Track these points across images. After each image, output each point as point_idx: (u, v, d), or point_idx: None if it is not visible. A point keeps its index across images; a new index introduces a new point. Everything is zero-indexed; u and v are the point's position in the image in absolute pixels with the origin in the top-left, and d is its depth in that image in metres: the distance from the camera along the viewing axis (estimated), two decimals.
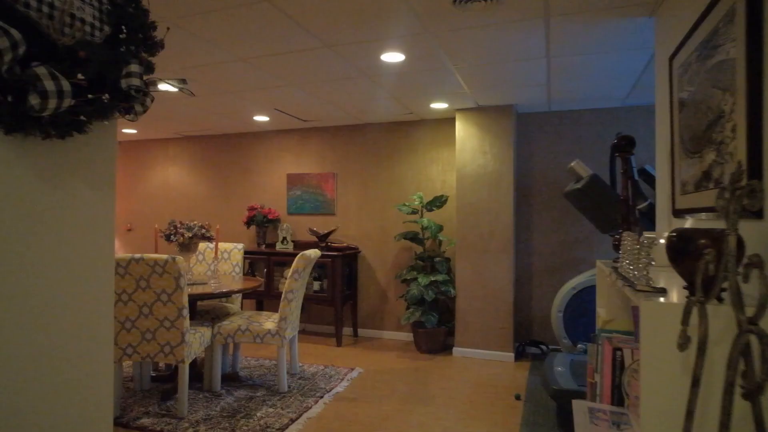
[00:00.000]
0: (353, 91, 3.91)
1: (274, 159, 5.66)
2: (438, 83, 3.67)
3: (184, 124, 5.31)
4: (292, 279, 3.44)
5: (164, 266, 2.87)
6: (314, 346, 4.80)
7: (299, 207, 5.51)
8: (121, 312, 2.95)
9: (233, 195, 5.87)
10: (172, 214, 6.21)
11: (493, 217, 4.35)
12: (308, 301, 4.86)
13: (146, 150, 6.41)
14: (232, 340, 3.43)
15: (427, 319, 4.42)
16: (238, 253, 4.42)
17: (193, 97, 3.93)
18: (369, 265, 5.19)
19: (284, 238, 5.29)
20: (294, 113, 4.75)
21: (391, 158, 5.12)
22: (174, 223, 3.67)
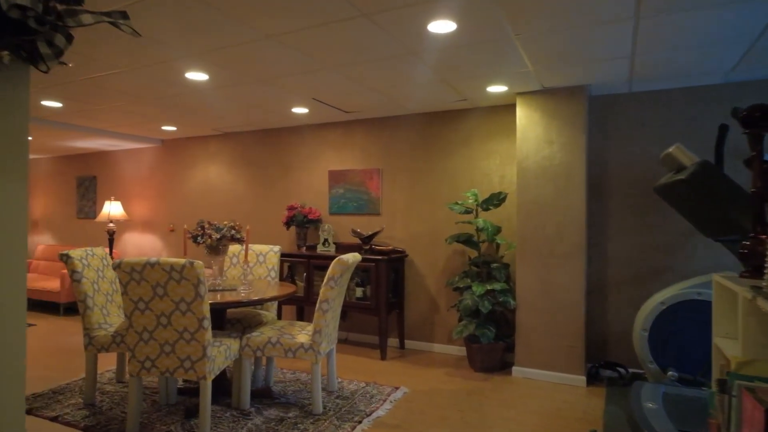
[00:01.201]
0: (397, 74, 3.45)
1: (315, 155, 5.30)
2: (496, 60, 3.14)
3: (222, 119, 5.05)
4: (328, 287, 3.03)
5: (182, 272, 2.53)
6: (356, 358, 4.38)
7: (341, 206, 5.12)
8: (138, 321, 2.65)
9: (273, 194, 5.57)
10: (212, 213, 6.00)
11: (560, 216, 3.75)
12: (350, 308, 4.45)
13: (187, 148, 6.25)
14: (261, 353, 3.06)
15: (482, 334, 3.88)
16: (274, 255, 4.07)
17: (139, 36, 3.60)
18: (417, 271, 4.72)
19: (325, 240, 4.91)
20: (334, 103, 4.35)
21: (442, 152, 4.62)
22: (202, 224, 3.36)
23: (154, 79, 3.58)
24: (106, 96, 4.09)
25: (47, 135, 5.79)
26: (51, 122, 5.14)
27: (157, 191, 6.51)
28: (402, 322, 4.68)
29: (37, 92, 3.98)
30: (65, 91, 3.95)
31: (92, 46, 2.90)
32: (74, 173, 7.50)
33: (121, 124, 5.33)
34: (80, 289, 3.15)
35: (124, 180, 6.87)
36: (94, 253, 3.40)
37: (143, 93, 3.99)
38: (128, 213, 6.76)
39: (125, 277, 2.58)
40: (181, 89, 3.87)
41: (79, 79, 3.61)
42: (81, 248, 3.34)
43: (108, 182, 7.06)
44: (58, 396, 3.33)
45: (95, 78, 3.57)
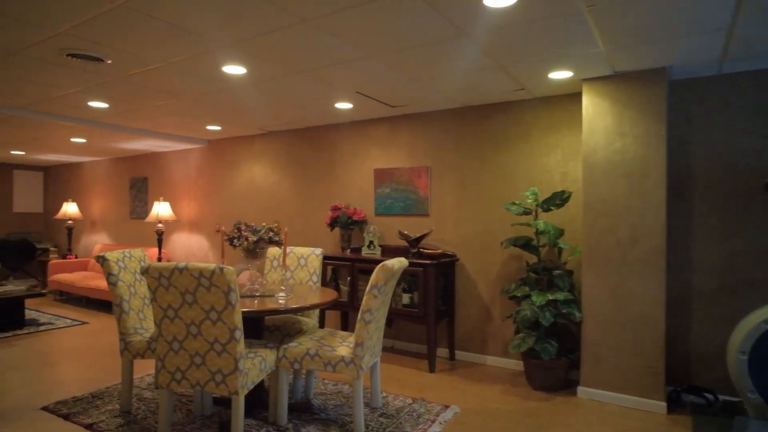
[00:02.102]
0: (447, 61, 3.12)
1: (360, 153, 5.05)
2: (562, 39, 2.75)
3: (264, 118, 4.90)
4: (370, 296, 2.75)
5: (211, 278, 2.32)
6: (402, 369, 4.08)
7: (388, 207, 4.83)
8: (167, 330, 2.47)
9: (317, 194, 5.37)
10: (256, 214, 5.89)
11: (635, 218, 3.29)
12: (396, 315, 4.15)
13: (232, 148, 6.18)
14: (299, 365, 2.82)
15: (543, 349, 3.48)
16: (316, 258, 3.85)
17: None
18: (468, 277, 4.35)
19: (371, 242, 4.65)
20: (379, 97, 4.07)
21: (497, 147, 4.23)
22: (239, 225, 3.17)
23: (191, 74, 3.43)
24: (147, 95, 4.01)
25: (99, 137, 5.88)
26: (101, 124, 5.18)
27: (204, 192, 6.49)
28: (452, 332, 4.33)
29: (82, 93, 3.96)
30: (108, 91, 3.90)
31: (123, 39, 2.77)
32: (128, 175, 7.66)
33: (166, 125, 5.30)
34: (116, 292, 3.04)
35: (173, 181, 6.92)
36: (131, 255, 3.29)
37: (183, 91, 3.88)
38: (176, 213, 6.80)
39: (153, 283, 2.41)
40: (220, 85, 3.72)
41: (118, 78, 3.52)
42: (118, 250, 3.24)
43: (158, 183, 7.14)
44: (97, 401, 3.25)
45: (133, 76, 3.47)
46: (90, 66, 3.26)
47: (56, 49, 2.94)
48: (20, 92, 3.95)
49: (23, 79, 3.56)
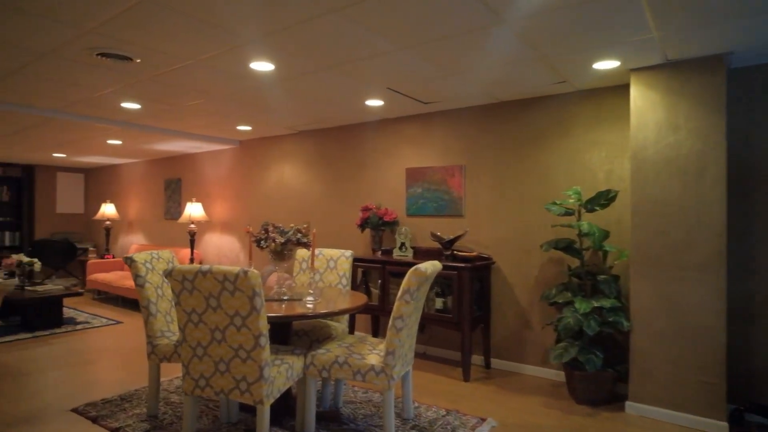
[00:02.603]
0: (483, 52, 2.94)
1: (392, 152, 4.90)
2: (609, 23, 2.52)
3: (295, 116, 4.82)
4: (402, 301, 2.59)
5: (235, 282, 2.22)
6: (435, 377, 3.90)
7: (420, 207, 4.67)
8: (191, 335, 2.39)
9: (347, 194, 5.26)
10: (286, 214, 5.83)
11: (691, 218, 3.01)
12: (429, 321, 3.98)
13: (263, 148, 6.15)
14: (327, 374, 2.70)
15: (587, 360, 3.24)
16: (346, 261, 3.72)
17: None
18: (505, 280, 4.14)
19: (402, 244, 4.49)
20: (411, 93, 3.91)
21: (535, 144, 4.00)
22: (266, 227, 3.07)
23: (220, 72, 3.36)
24: (177, 94, 3.99)
25: (134, 138, 5.95)
26: (134, 125, 5.22)
27: (236, 192, 6.48)
28: (488, 339, 4.12)
29: (115, 94, 3.96)
30: (140, 91, 3.89)
31: (150, 36, 2.71)
32: (162, 176, 7.77)
33: (197, 125, 5.30)
34: (143, 294, 2.99)
35: (206, 182, 6.96)
36: (159, 256, 3.25)
37: (212, 89, 3.82)
38: (208, 214, 6.83)
39: (177, 286, 2.33)
40: (249, 83, 3.64)
41: (148, 78, 3.50)
42: (146, 251, 3.20)
43: (191, 184, 7.20)
44: (125, 404, 3.21)
45: (162, 75, 3.43)
46: (120, 65, 3.23)
47: (86, 49, 2.92)
48: (55, 94, 3.99)
49: (57, 80, 3.58)
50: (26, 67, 3.29)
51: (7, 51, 2.97)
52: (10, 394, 3.42)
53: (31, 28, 2.62)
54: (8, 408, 3.18)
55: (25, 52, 3.00)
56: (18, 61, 3.17)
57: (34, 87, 3.77)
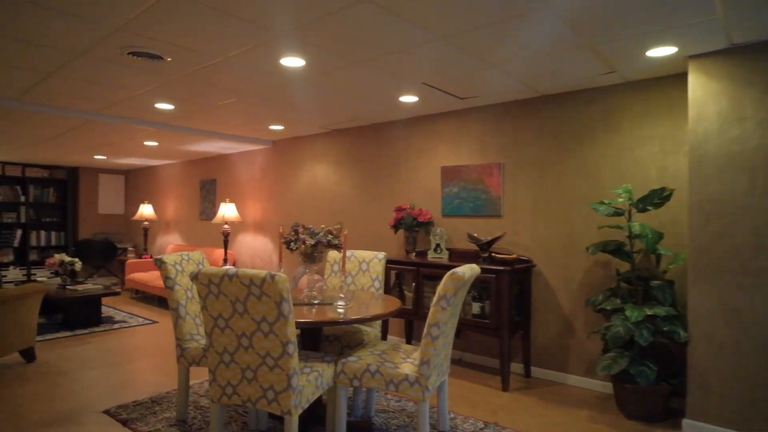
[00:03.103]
0: (524, 41, 2.74)
1: (426, 150, 4.74)
2: (667, 3, 2.28)
3: (326, 114, 4.72)
4: (438, 308, 2.43)
5: (261, 286, 2.11)
6: (472, 386, 3.71)
7: (456, 207, 4.48)
8: (218, 341, 2.30)
9: (380, 194, 5.12)
10: (318, 215, 5.75)
11: (760, 218, 2.72)
12: (465, 326, 3.80)
13: (295, 148, 6.09)
14: (358, 382, 2.56)
15: (639, 372, 2.98)
16: (379, 263, 3.59)
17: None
18: (546, 284, 3.91)
19: (437, 246, 4.32)
20: (447, 88, 3.74)
21: (580, 140, 3.76)
22: (296, 228, 2.97)
23: (250, 69, 3.29)
24: (209, 94, 3.95)
25: (169, 139, 6.01)
26: (169, 126, 5.25)
27: (269, 193, 6.46)
28: (528, 346, 3.90)
29: (148, 94, 3.96)
30: (172, 91, 3.87)
31: (179, 33, 2.65)
32: (198, 177, 7.85)
33: (230, 125, 5.28)
34: (172, 296, 2.94)
35: (240, 182, 6.97)
36: (189, 257, 3.20)
37: (243, 88, 3.76)
38: (242, 215, 6.84)
39: (203, 290, 2.24)
40: (279, 80, 3.55)
41: (179, 77, 3.46)
42: (176, 252, 3.16)
43: (226, 184, 7.23)
44: (156, 407, 3.18)
45: (193, 74, 3.39)
46: (151, 65, 3.20)
47: (117, 48, 2.89)
48: (92, 96, 4.02)
49: (92, 81, 3.60)
50: (62, 69, 3.31)
51: (43, 52, 2.98)
52: (47, 393, 3.45)
53: (62, 28, 2.60)
54: (44, 407, 3.20)
55: (59, 53, 3.00)
56: (53, 63, 3.18)
57: (71, 89, 3.81)
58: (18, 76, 3.47)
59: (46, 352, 4.51)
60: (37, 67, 3.26)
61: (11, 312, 3.91)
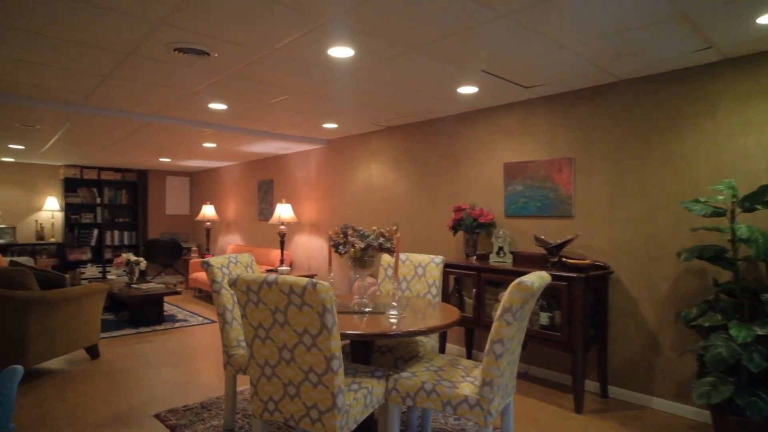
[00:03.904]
0: (601, 12, 2.36)
1: (487, 145, 4.39)
2: None
3: (380, 110, 4.50)
4: (503, 322, 2.12)
5: (302, 295, 1.91)
6: (540, 405, 3.35)
7: (521, 207, 4.11)
8: (259, 352, 2.13)
9: (438, 193, 4.83)
10: (373, 216, 5.54)
11: None
12: (532, 338, 3.44)
13: (350, 146, 5.93)
14: (412, 401, 2.31)
15: (749, 404, 2.50)
16: (436, 268, 3.31)
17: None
18: (627, 294, 3.45)
19: (500, 249, 3.97)
20: (510, 76, 3.39)
21: (667, 129, 3.28)
22: (345, 230, 2.76)
23: (297, 62, 3.12)
24: (260, 91, 3.85)
25: (226, 140, 6.04)
26: (224, 127, 5.25)
27: (324, 193, 6.35)
28: (604, 363, 3.47)
29: (201, 94, 3.93)
30: (223, 90, 3.80)
31: (222, 25, 2.52)
32: (256, 177, 7.92)
33: (284, 124, 5.20)
34: (219, 300, 2.83)
35: (296, 182, 6.93)
36: (237, 260, 3.08)
37: (292, 84, 3.62)
38: (298, 215, 6.78)
39: (242, 298, 2.08)
40: (328, 74, 3.37)
41: (229, 75, 3.37)
42: (224, 255, 3.05)
43: (282, 185, 7.22)
44: (205, 413, 3.09)
45: (241, 70, 3.28)
46: (198, 62, 3.12)
47: (163, 45, 2.82)
48: (147, 98, 4.05)
49: (144, 82, 3.59)
50: (116, 70, 3.31)
51: (95, 54, 2.97)
52: (105, 392, 3.48)
53: (108, 24, 2.54)
54: (101, 407, 3.20)
55: (110, 54, 2.98)
56: (107, 64, 3.18)
57: (127, 91, 3.84)
58: (79, 79, 3.52)
59: (111, 348, 4.62)
60: (93, 69, 3.28)
61: (76, 310, 4.01)
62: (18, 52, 2.95)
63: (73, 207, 9.03)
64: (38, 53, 2.97)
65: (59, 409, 3.19)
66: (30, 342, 3.61)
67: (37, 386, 3.60)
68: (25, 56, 3.03)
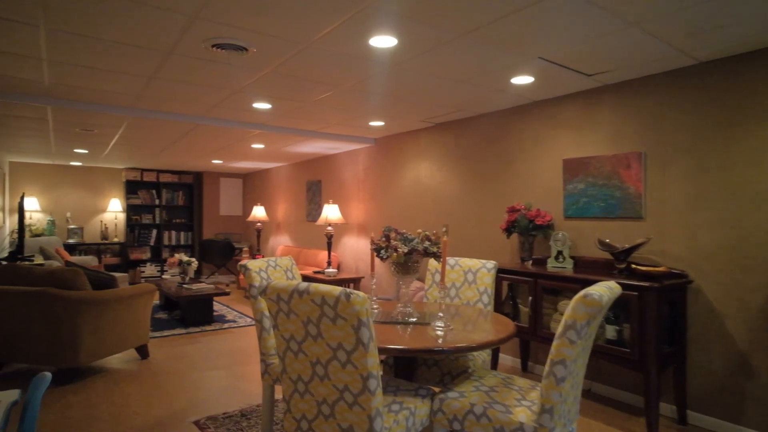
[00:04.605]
0: None
1: (544, 140, 4.05)
2: None
3: (427, 105, 4.27)
4: (565, 340, 1.84)
5: (335, 307, 1.72)
6: (607, 429, 2.99)
7: (582, 207, 3.74)
8: (291, 366, 1.96)
9: (490, 193, 4.53)
10: (423, 217, 5.31)
11: None
12: (597, 354, 3.09)
13: (398, 145, 5.72)
14: (460, 425, 2.07)
15: None
16: (488, 274, 3.04)
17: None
18: (709, 307, 3.03)
19: (559, 253, 3.64)
20: (570, 62, 3.06)
21: (762, 117, 2.84)
22: (388, 233, 2.56)
23: (338, 55, 2.96)
24: (302, 89, 3.72)
25: (273, 141, 6.02)
26: (270, 127, 5.20)
27: (371, 193, 6.19)
28: (683, 384, 3.06)
29: (243, 93, 3.86)
30: (265, 89, 3.71)
31: (258, 16, 2.38)
32: (305, 178, 7.89)
33: (329, 123, 5.08)
34: (256, 306, 2.70)
35: (343, 183, 6.81)
36: (276, 264, 2.95)
37: (334, 78, 3.46)
38: (345, 216, 6.66)
39: (273, 307, 1.92)
40: (371, 67, 3.18)
41: (269, 72, 3.26)
42: (263, 258, 2.93)
43: (330, 185, 7.13)
44: (244, 422, 2.99)
45: (281, 66, 3.15)
46: (237, 58, 3.02)
47: (200, 41, 2.74)
48: (192, 99, 4.03)
49: (187, 82, 3.56)
50: (160, 70, 3.28)
51: (138, 53, 2.94)
52: (148, 395, 3.47)
53: (143, 21, 2.48)
54: (143, 411, 3.18)
55: (153, 53, 2.94)
56: (150, 64, 3.15)
57: (173, 92, 3.83)
58: (127, 81, 3.53)
59: (160, 348, 4.66)
60: (137, 70, 3.27)
61: (126, 310, 4.06)
62: (67, 55, 2.97)
63: (134, 208, 9.40)
64: (86, 56, 2.98)
65: (104, 410, 3.19)
66: (82, 341, 3.67)
67: (87, 385, 3.65)
68: (74, 59, 3.05)
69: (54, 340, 3.61)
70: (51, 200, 8.77)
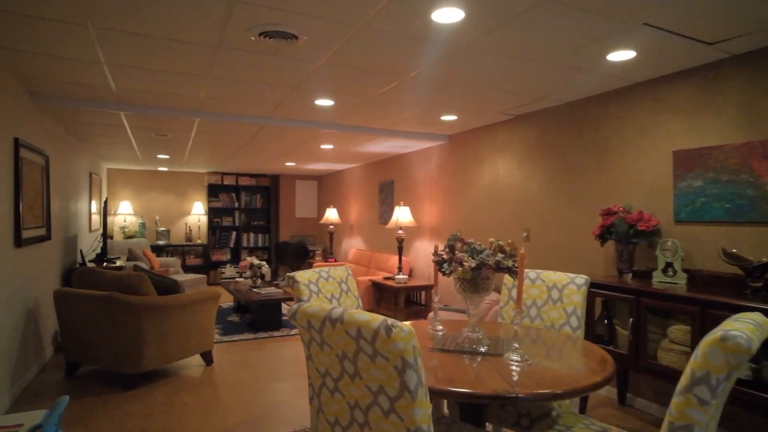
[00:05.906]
0: None
1: (648, 129, 3.38)
2: None
3: (506, 93, 3.76)
4: (691, 399, 1.31)
5: (373, 342, 1.34)
6: None
7: (700, 210, 3.05)
8: (328, 407, 1.62)
9: (579, 192, 3.91)
10: (501, 220, 4.78)
11: None
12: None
13: (473, 141, 5.23)
14: None
15: None
16: (577, 291, 2.52)
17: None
18: None
19: (668, 265, 2.99)
20: (685, 29, 2.44)
21: None
22: (452, 243, 2.14)
23: (396, 36, 2.59)
24: (364, 82, 3.40)
25: (341, 141, 5.79)
26: (335, 126, 4.96)
27: (445, 194, 5.75)
28: None
29: (305, 91, 3.62)
30: (324, 84, 3.44)
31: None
32: (377, 179, 7.62)
33: (399, 120, 4.73)
34: None
35: (416, 183, 6.44)
36: (329, 275, 2.64)
37: (397, 64, 3.10)
38: (417, 219, 6.28)
39: (305, 335, 1.59)
40: (436, 48, 2.77)
41: (324, 64, 2.97)
42: (313, 269, 2.64)
43: (403, 186, 6.79)
44: None
45: (335, 56, 2.85)
46: (287, 48, 2.76)
47: (245, 30, 2.50)
48: (252, 98, 3.87)
49: (241, 80, 3.38)
50: (212, 69, 3.13)
51: (187, 50, 2.78)
52: (205, 407, 3.33)
53: (184, 12, 2.28)
54: (197, 423, 3.03)
55: (200, 49, 2.77)
56: (201, 62, 2.99)
57: (231, 93, 3.69)
58: (184, 83, 3.43)
59: (226, 354, 4.59)
60: (191, 68, 3.14)
61: (190, 316, 3.99)
62: (122, 56, 2.89)
63: (215, 211, 9.72)
64: (139, 56, 2.88)
65: (161, 421, 3.09)
66: (145, 346, 3.63)
67: (149, 393, 3.60)
68: (129, 61, 2.97)
69: (119, 345, 3.61)
70: (142, 204, 9.30)
